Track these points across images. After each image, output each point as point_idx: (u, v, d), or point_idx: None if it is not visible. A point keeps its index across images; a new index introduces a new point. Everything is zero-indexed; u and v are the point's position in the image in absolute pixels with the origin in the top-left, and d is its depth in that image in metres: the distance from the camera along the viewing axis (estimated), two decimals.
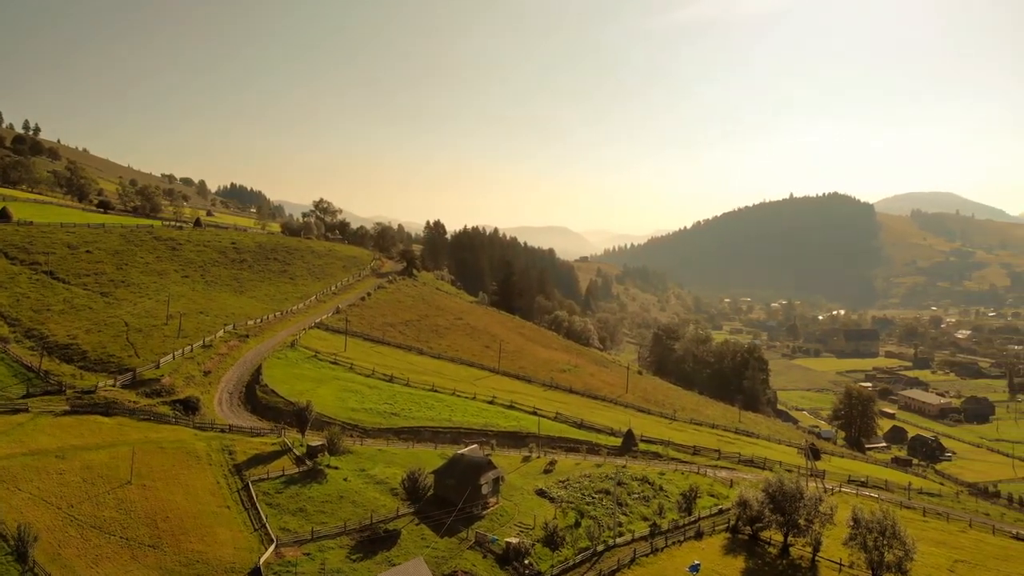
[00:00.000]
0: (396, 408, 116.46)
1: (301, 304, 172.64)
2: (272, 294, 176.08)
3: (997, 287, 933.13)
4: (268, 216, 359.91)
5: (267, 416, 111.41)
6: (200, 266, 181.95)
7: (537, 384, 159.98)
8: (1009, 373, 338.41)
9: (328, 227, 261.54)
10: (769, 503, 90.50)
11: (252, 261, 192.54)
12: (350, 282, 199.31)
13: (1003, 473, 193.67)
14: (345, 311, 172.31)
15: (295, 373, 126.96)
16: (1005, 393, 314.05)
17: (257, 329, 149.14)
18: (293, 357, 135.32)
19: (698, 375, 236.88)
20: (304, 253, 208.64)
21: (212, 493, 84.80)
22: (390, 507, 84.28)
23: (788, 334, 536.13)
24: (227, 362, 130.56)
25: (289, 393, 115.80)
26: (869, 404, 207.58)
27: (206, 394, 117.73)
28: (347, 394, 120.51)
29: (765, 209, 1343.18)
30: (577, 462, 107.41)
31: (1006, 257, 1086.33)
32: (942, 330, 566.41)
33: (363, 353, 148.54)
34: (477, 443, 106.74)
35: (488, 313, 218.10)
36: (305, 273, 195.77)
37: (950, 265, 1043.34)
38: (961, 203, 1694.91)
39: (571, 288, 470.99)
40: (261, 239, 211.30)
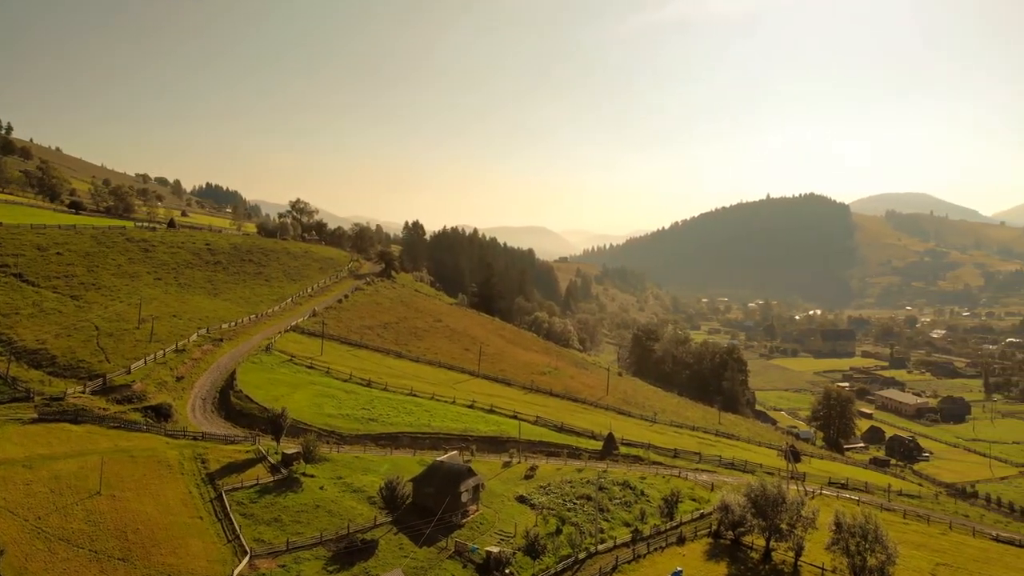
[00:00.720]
0: (374, 414, 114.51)
1: (277, 307, 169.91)
2: (247, 297, 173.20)
3: (971, 287, 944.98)
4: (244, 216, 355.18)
5: (241, 423, 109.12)
6: (173, 268, 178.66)
7: (517, 387, 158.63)
8: (985, 373, 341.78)
9: (305, 228, 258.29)
10: (751, 508, 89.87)
11: (227, 263, 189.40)
12: (327, 284, 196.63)
13: (980, 473, 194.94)
14: (322, 314, 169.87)
15: (270, 378, 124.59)
16: (981, 393, 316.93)
17: (231, 333, 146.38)
18: (268, 361, 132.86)
19: (677, 376, 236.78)
20: (280, 254, 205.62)
21: (184, 503, 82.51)
22: (367, 516, 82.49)
23: (765, 334, 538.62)
24: (200, 367, 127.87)
25: (264, 399, 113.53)
26: (847, 405, 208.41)
27: (179, 400, 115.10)
28: (323, 399, 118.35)
29: (742, 210, 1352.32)
30: (558, 467, 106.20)
31: (980, 257, 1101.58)
32: (917, 330, 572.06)
33: (340, 357, 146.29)
34: (457, 449, 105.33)
35: (468, 315, 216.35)
36: (281, 275, 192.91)
37: (924, 265, 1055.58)
38: (935, 203, 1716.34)
39: (551, 289, 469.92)
40: (236, 240, 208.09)
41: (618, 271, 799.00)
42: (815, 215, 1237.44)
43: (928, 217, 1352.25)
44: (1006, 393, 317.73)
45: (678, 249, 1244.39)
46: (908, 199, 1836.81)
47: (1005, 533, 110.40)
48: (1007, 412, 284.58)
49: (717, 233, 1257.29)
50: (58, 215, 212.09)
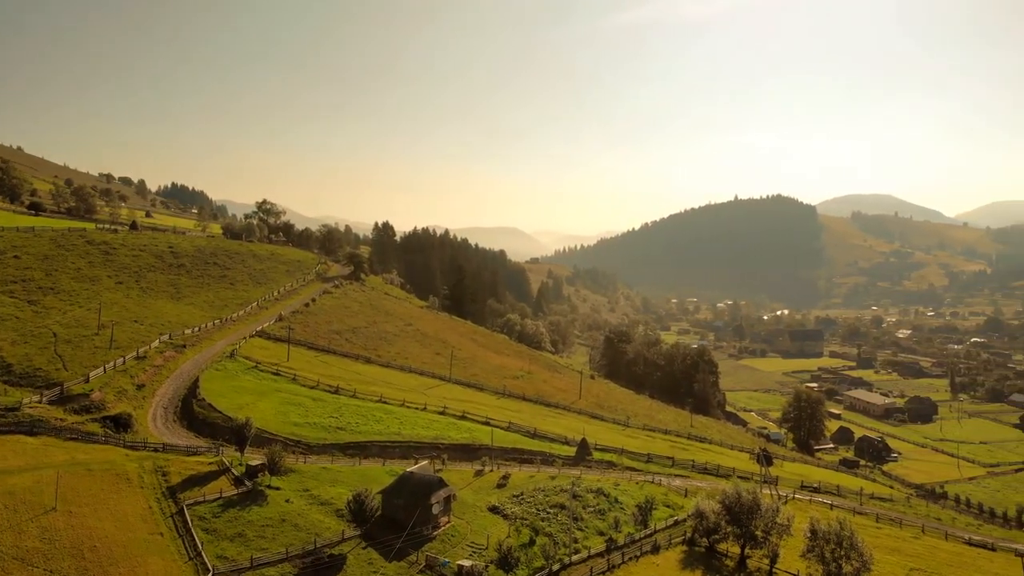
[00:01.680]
0: (342, 422, 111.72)
1: (242, 311, 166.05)
2: (211, 301, 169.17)
3: (935, 287, 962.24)
4: (209, 217, 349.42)
5: (204, 432, 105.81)
6: (135, 272, 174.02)
7: (490, 392, 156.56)
8: (951, 373, 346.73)
9: (272, 229, 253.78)
10: (726, 514, 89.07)
11: (191, 266, 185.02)
12: (294, 287, 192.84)
13: (949, 474, 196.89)
14: (288, 318, 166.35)
15: (235, 385, 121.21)
16: (947, 393, 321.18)
17: (195, 338, 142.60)
18: (232, 368, 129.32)
19: (649, 378, 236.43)
20: (245, 257, 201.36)
21: (144, 519, 79.28)
22: (335, 530, 79.94)
23: (734, 334, 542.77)
24: (162, 374, 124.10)
25: (228, 407, 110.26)
26: (818, 407, 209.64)
27: (139, 409, 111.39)
28: (290, 407, 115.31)
29: (711, 211, 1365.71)
30: (531, 474, 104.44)
31: (943, 257, 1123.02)
32: (883, 330, 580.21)
33: (307, 363, 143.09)
34: (428, 457, 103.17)
35: (439, 318, 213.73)
36: (246, 278, 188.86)
37: (890, 266, 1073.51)
38: (899, 205, 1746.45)
39: (522, 290, 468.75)
40: (200, 243, 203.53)
41: (589, 272, 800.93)
42: (782, 216, 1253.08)
43: (893, 218, 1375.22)
44: (972, 393, 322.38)
45: (648, 250, 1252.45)
46: (873, 200, 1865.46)
47: (977, 536, 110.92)
48: (973, 412, 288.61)
49: (686, 234, 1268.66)
50: (17, 216, 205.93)
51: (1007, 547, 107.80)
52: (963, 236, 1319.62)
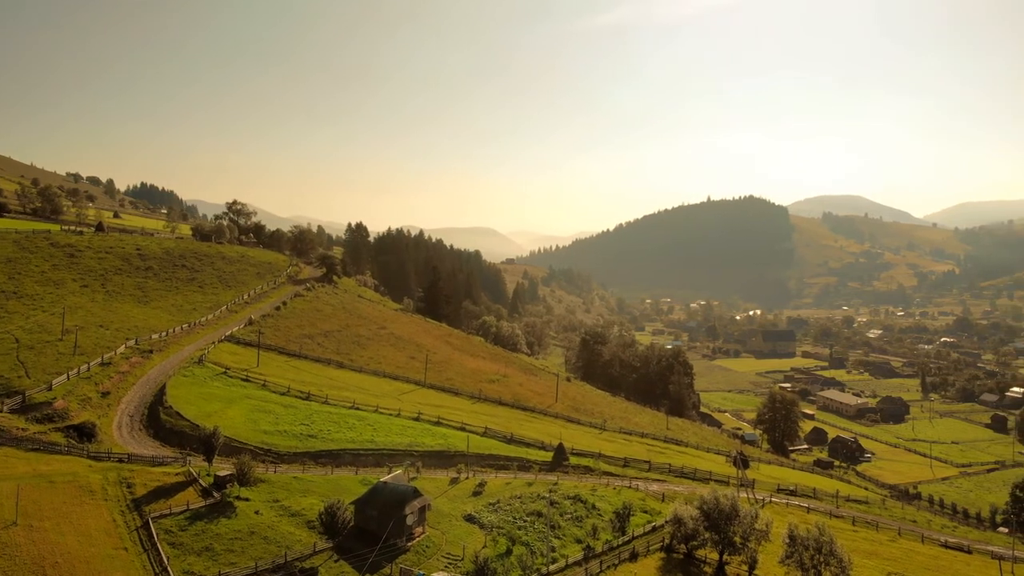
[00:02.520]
0: (314, 429, 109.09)
1: (211, 315, 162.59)
2: (179, 304, 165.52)
3: (904, 287, 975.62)
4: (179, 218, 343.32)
5: (171, 442, 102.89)
6: (101, 275, 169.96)
7: (465, 396, 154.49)
8: (922, 373, 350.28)
9: (242, 230, 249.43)
10: (704, 520, 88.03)
11: (158, 269, 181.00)
12: (264, 290, 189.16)
13: (922, 474, 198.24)
14: (258, 322, 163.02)
15: (203, 392, 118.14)
16: (918, 393, 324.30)
17: (162, 344, 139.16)
18: (201, 374, 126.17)
19: (625, 380, 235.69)
20: (215, 259, 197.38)
21: (107, 533, 76.53)
22: (306, 542, 77.65)
23: (708, 335, 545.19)
24: (128, 381, 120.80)
25: (196, 415, 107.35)
26: (792, 408, 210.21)
27: (104, 418, 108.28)
28: (260, 415, 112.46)
29: (684, 212, 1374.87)
30: (508, 481, 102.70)
31: (912, 258, 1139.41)
32: (854, 329, 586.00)
33: (278, 368, 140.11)
34: (402, 465, 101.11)
35: (413, 321, 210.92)
36: (216, 281, 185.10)
37: (860, 266, 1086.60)
38: (869, 206, 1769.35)
39: (498, 291, 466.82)
40: (169, 244, 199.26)
41: (564, 273, 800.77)
42: (754, 217, 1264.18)
43: (863, 219, 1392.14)
44: (943, 393, 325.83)
45: (623, 250, 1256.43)
46: (843, 201, 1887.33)
47: (953, 539, 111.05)
48: (944, 412, 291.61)
49: (660, 234, 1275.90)
50: None
51: (983, 549, 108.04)
52: (932, 237, 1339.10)
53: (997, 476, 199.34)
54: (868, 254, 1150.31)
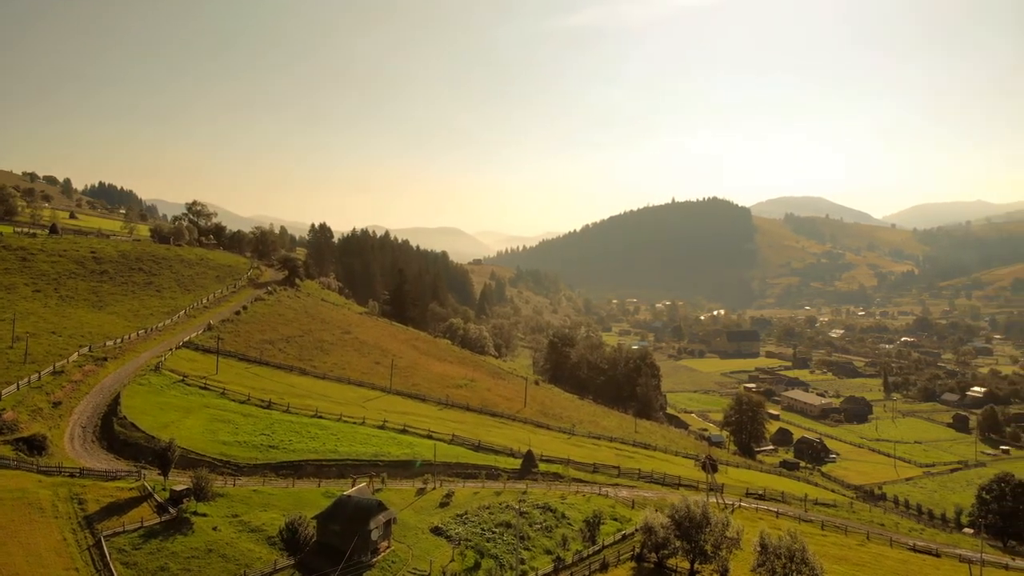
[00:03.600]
0: (275, 439, 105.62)
1: (168, 320, 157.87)
2: (136, 309, 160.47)
3: (865, 287, 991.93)
4: (137, 218, 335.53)
5: (126, 454, 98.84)
6: (54, 279, 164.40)
7: (432, 403, 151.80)
8: (884, 373, 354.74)
9: (202, 231, 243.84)
10: (675, 529, 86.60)
11: (114, 272, 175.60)
12: (224, 294, 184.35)
13: (886, 474, 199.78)
14: (218, 327, 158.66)
15: (159, 402, 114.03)
16: (880, 392, 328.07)
17: (117, 351, 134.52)
18: (157, 383, 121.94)
19: (592, 382, 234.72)
20: (173, 262, 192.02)
21: (58, 553, 72.86)
22: (267, 560, 74.56)
23: (673, 335, 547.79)
24: (81, 390, 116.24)
25: (152, 426, 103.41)
26: (758, 410, 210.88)
27: (55, 429, 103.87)
28: (219, 424, 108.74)
29: (649, 213, 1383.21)
30: (476, 491, 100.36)
31: (872, 258, 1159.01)
32: (817, 329, 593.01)
33: (238, 375, 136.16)
34: (367, 476, 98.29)
35: (379, 325, 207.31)
36: (173, 284, 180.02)
37: (822, 266, 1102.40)
38: (830, 207, 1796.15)
39: (465, 293, 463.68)
40: (125, 247, 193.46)
41: (532, 273, 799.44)
42: (718, 218, 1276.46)
43: (824, 220, 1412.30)
44: (905, 392, 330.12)
45: (590, 251, 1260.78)
46: (805, 203, 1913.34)
47: (921, 542, 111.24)
48: (907, 411, 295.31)
49: (626, 235, 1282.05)
50: None
51: (951, 552, 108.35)
52: (891, 237, 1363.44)
53: (960, 476, 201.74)
54: (829, 255, 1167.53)
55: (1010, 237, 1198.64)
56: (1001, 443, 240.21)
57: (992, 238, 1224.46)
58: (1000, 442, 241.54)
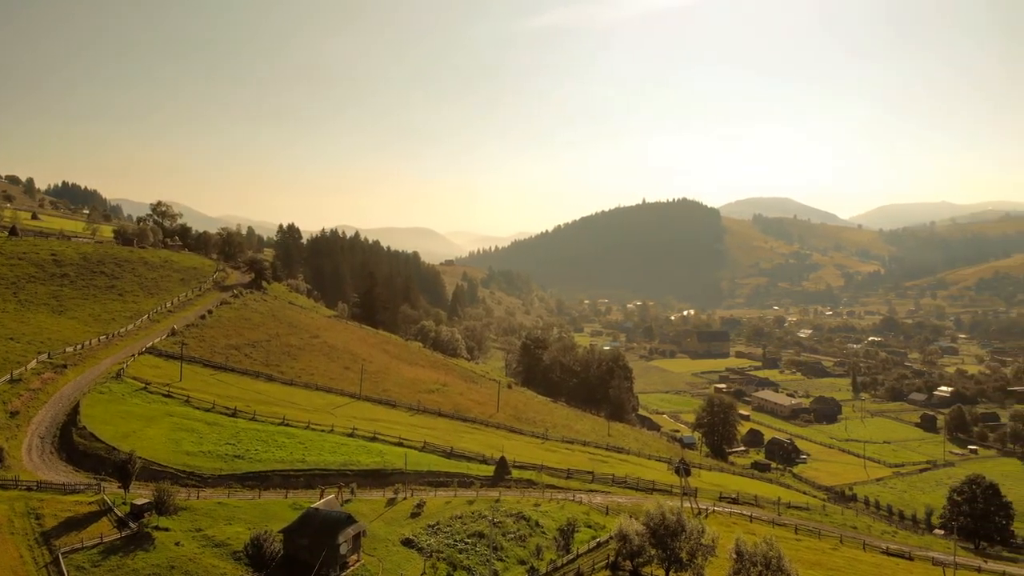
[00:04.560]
0: (240, 449, 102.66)
1: (131, 325, 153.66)
2: (97, 314, 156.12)
3: (832, 287, 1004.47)
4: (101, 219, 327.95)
5: (86, 466, 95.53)
6: (12, 283, 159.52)
7: (403, 408, 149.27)
8: (852, 372, 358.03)
9: (167, 233, 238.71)
10: (650, 537, 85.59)
11: (75, 276, 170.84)
12: (189, 298, 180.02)
13: (856, 475, 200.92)
14: (182, 332, 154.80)
15: (120, 411, 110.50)
16: (849, 392, 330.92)
17: (78, 357, 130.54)
18: (118, 391, 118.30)
19: (565, 384, 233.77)
20: (136, 265, 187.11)
21: (13, 571, 69.95)
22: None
23: (644, 335, 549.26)
24: (40, 399, 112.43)
25: (112, 437, 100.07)
26: (730, 412, 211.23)
27: (12, 440, 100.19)
28: (182, 434, 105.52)
29: (620, 214, 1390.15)
30: (448, 500, 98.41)
31: (839, 259, 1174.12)
32: (785, 329, 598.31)
33: (202, 382, 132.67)
34: (336, 486, 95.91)
35: (348, 329, 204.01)
36: (136, 288, 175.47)
37: (790, 267, 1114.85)
38: (798, 208, 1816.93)
39: (437, 294, 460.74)
40: (87, 249, 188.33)
41: (504, 274, 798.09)
42: (688, 219, 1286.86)
43: (792, 221, 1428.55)
44: (873, 392, 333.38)
45: (561, 251, 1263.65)
46: (773, 203, 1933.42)
47: (894, 545, 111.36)
48: (876, 411, 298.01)
49: (597, 235, 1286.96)
50: None
51: (923, 555, 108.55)
52: (857, 238, 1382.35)
53: (929, 476, 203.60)
54: (797, 255, 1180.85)
55: (974, 238, 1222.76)
56: (969, 443, 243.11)
57: (956, 239, 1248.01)
58: (968, 442, 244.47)
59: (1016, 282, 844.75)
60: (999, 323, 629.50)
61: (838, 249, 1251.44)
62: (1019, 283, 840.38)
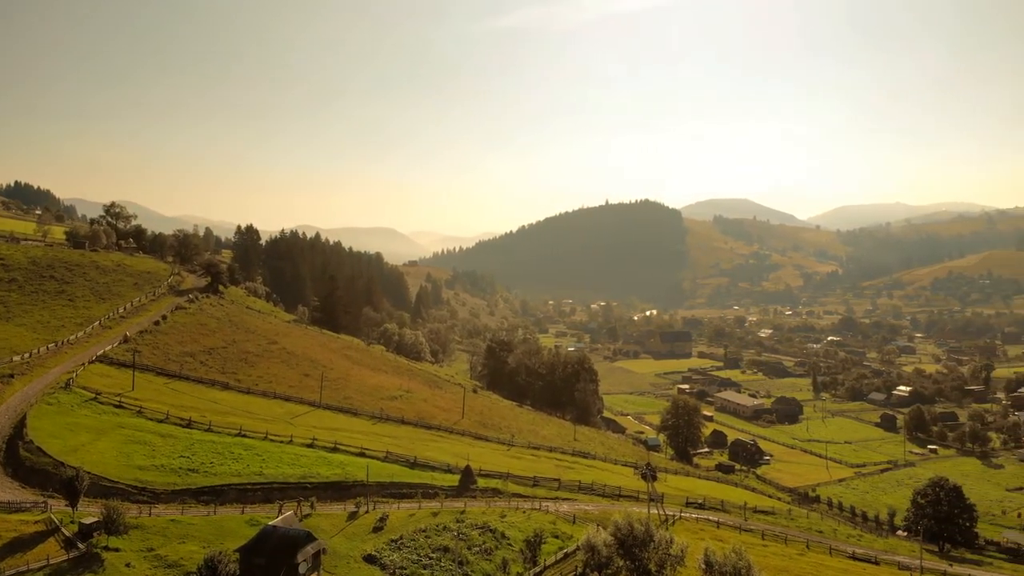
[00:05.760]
0: (195, 462, 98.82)
1: (81, 332, 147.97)
2: (46, 321, 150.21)
3: (791, 287, 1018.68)
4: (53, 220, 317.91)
5: (33, 482, 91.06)
6: None
7: (365, 417, 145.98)
8: (813, 373, 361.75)
9: (121, 235, 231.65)
10: (618, 547, 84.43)
11: (23, 280, 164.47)
12: (143, 303, 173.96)
13: (819, 476, 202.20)
14: (135, 339, 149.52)
15: (69, 423, 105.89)
16: (810, 392, 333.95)
17: (25, 366, 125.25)
18: (68, 401, 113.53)
19: (531, 387, 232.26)
20: (88, 269, 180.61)
21: None
22: None
23: (608, 336, 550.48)
24: None
25: (61, 451, 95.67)
26: (694, 414, 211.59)
27: None
28: (134, 447, 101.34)
29: (584, 214, 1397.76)
30: (411, 512, 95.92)
31: (798, 259, 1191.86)
32: (746, 329, 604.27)
33: (156, 392, 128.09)
34: (294, 500, 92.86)
35: (308, 334, 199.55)
36: (88, 293, 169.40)
37: (749, 267, 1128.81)
38: (757, 208, 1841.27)
39: (400, 296, 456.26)
40: (36, 253, 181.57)
41: (468, 275, 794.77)
42: (650, 220, 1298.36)
43: (751, 222, 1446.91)
44: (833, 392, 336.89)
45: (526, 252, 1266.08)
46: (733, 204, 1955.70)
47: (860, 550, 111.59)
48: (836, 411, 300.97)
49: (562, 236, 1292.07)
50: None
51: (889, 560, 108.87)
52: (816, 239, 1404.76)
53: (890, 476, 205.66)
54: (757, 255, 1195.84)
55: (928, 238, 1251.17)
56: (929, 442, 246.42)
57: (911, 239, 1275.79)
58: (928, 441, 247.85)
59: (970, 282, 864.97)
60: (954, 322, 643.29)
61: (796, 249, 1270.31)
62: (973, 283, 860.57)
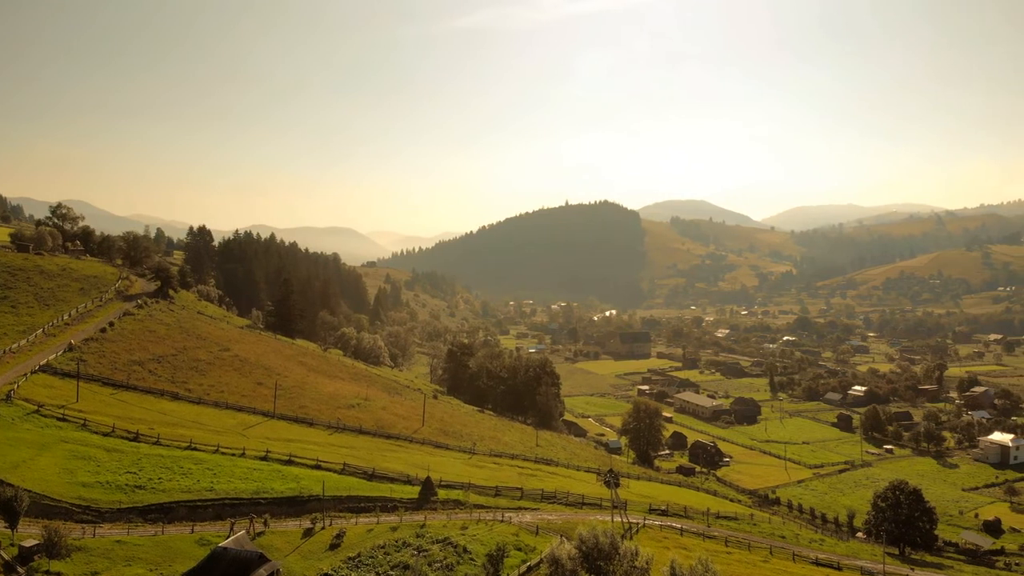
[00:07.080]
0: (142, 478, 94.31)
1: (24, 341, 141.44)
2: None
3: (747, 287, 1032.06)
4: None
5: None
6: None
7: (321, 427, 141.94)
8: (770, 373, 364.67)
9: (68, 237, 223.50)
10: (583, 560, 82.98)
11: None
12: (89, 309, 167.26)
13: (778, 477, 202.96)
14: (80, 347, 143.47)
15: (9, 437, 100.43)
16: (767, 392, 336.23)
17: None
18: (8, 415, 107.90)
19: (492, 392, 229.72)
20: (31, 273, 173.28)
21: None
22: None
23: (569, 337, 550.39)
24: None
25: (0, 468, 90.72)
26: (655, 417, 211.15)
27: None
28: (78, 462, 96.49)
29: (544, 215, 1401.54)
30: (370, 527, 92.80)
31: (753, 259, 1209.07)
32: (703, 329, 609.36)
33: (101, 403, 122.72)
34: (247, 517, 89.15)
35: (262, 340, 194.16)
36: (31, 299, 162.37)
37: (706, 268, 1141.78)
38: (713, 210, 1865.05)
39: (359, 298, 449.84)
40: None
41: (428, 276, 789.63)
42: (609, 221, 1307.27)
43: (708, 223, 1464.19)
44: (790, 392, 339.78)
45: (486, 252, 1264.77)
46: (689, 206, 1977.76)
47: (823, 555, 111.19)
48: (793, 411, 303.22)
49: (521, 237, 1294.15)
50: None
51: (852, 564, 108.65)
52: (770, 239, 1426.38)
53: (848, 477, 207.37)
54: (713, 256, 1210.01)
55: (880, 239, 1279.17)
56: (884, 442, 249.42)
57: (864, 239, 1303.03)
58: (883, 441, 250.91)
59: (921, 281, 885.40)
60: (906, 322, 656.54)
61: (752, 250, 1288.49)
62: (924, 283, 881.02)
